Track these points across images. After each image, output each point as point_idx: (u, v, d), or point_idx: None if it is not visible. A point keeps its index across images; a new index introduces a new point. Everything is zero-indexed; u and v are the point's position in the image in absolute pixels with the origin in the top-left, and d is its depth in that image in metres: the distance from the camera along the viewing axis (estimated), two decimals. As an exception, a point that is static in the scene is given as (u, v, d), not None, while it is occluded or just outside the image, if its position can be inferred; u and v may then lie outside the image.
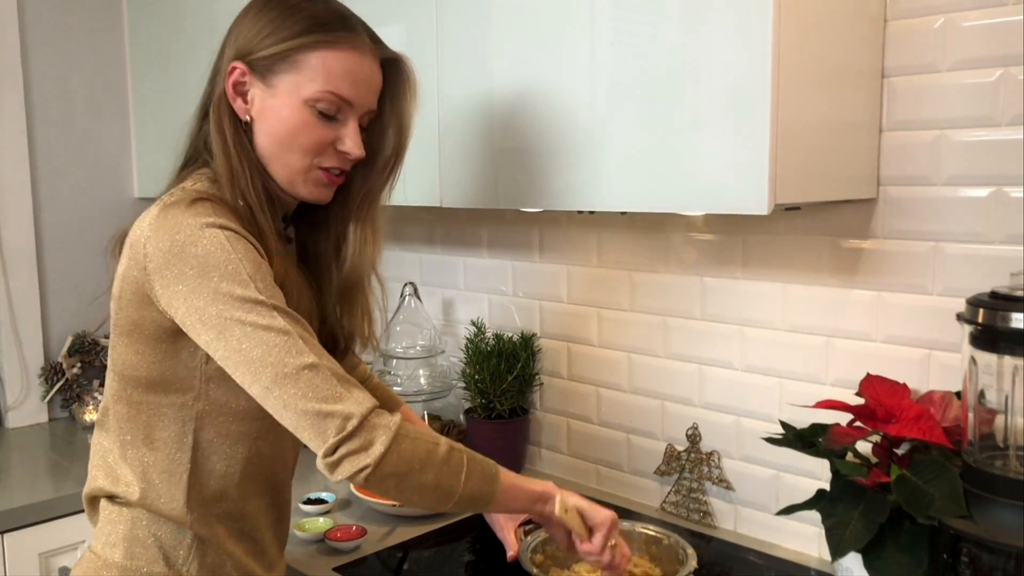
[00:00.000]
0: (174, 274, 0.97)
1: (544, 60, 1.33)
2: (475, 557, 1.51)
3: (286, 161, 1.08)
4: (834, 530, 1.15)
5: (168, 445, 1.07)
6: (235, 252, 0.97)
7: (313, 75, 1.05)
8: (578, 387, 1.81)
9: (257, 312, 0.96)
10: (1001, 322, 1.04)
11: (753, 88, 1.09)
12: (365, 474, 0.94)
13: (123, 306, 1.04)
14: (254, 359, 0.95)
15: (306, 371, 0.95)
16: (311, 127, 1.07)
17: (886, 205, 1.32)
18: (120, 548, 1.08)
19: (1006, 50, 1.19)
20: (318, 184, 1.11)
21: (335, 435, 0.93)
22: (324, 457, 0.94)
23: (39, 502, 1.77)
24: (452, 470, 1.00)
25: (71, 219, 2.36)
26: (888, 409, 1.21)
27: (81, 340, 2.35)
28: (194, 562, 1.09)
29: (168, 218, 0.98)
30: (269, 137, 1.08)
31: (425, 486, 0.99)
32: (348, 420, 0.94)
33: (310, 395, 0.94)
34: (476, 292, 2.00)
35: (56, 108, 2.32)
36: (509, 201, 1.42)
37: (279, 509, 1.21)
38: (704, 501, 1.59)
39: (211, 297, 0.96)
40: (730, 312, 1.54)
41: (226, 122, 1.07)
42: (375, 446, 0.94)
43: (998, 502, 1.06)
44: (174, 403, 1.06)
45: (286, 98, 1.06)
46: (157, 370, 1.05)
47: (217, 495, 1.10)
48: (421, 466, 0.97)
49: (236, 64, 1.07)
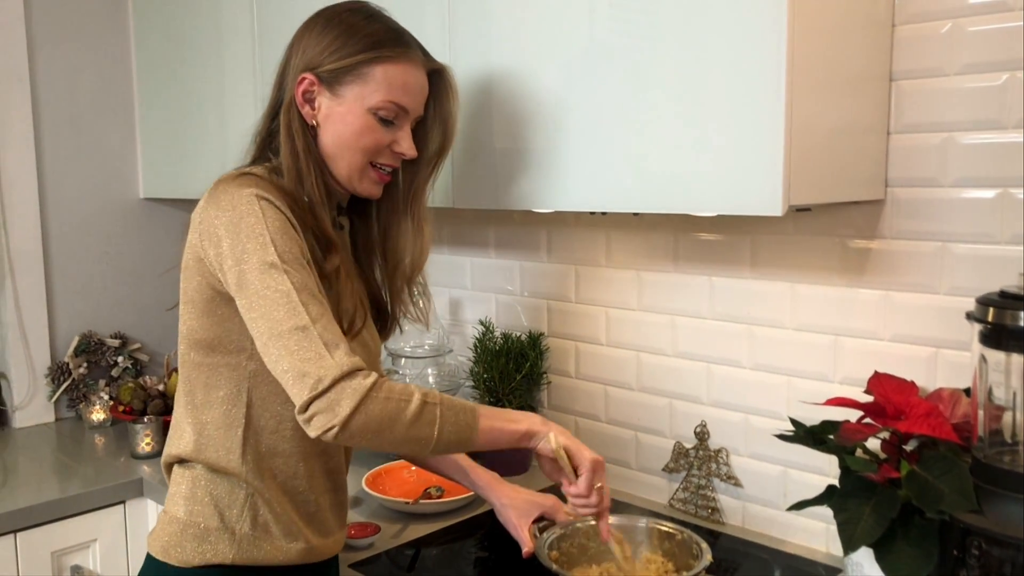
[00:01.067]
0: (216, 236, 1.10)
1: (555, 62, 1.35)
2: (487, 554, 1.52)
3: (349, 160, 1.22)
4: (846, 525, 1.18)
5: (225, 402, 1.18)
6: (265, 219, 1.09)
7: (376, 86, 1.19)
8: (586, 386, 1.83)
9: (268, 274, 1.06)
10: (1011, 320, 1.07)
11: (768, 91, 1.11)
12: (333, 432, 1.02)
13: (187, 275, 1.17)
14: (260, 315, 1.06)
15: (296, 332, 1.03)
16: (374, 131, 1.21)
17: (894, 206, 1.35)
18: (182, 505, 1.20)
19: (1012, 55, 1.22)
20: (373, 182, 1.25)
21: (308, 393, 1.02)
22: (299, 413, 1.03)
23: (51, 501, 1.78)
24: (424, 424, 1.07)
25: (77, 219, 2.37)
26: (897, 406, 1.23)
27: (87, 340, 2.36)
28: (247, 520, 1.19)
29: (217, 190, 1.13)
30: (334, 139, 1.21)
31: (397, 441, 1.07)
32: (320, 381, 1.02)
33: (295, 354, 1.03)
34: (483, 292, 2.02)
35: (62, 109, 2.33)
36: (521, 202, 1.44)
37: (333, 477, 1.28)
38: (712, 498, 1.61)
39: (238, 256, 1.07)
40: (738, 311, 1.56)
41: (295, 126, 1.20)
42: (342, 407, 1.02)
43: (1008, 496, 1.08)
44: (229, 363, 1.17)
45: (352, 106, 1.19)
46: (214, 332, 1.16)
47: (270, 451, 1.20)
48: (391, 424, 1.05)
49: (305, 75, 1.20)
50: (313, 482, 1.24)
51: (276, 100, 1.25)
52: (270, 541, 1.20)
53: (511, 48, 1.42)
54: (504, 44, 1.43)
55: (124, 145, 2.46)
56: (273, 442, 1.20)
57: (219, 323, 1.16)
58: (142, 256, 2.50)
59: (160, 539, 1.21)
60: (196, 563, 1.18)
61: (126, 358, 2.42)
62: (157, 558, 1.21)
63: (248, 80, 1.98)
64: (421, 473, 1.77)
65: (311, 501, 1.24)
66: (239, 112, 2.03)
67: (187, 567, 1.18)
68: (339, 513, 1.31)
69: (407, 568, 1.46)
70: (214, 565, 1.18)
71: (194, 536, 1.19)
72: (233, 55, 2.02)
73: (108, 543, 1.87)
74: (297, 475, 1.22)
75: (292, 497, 1.23)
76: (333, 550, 1.31)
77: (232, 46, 2.03)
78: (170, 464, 1.26)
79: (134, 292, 2.49)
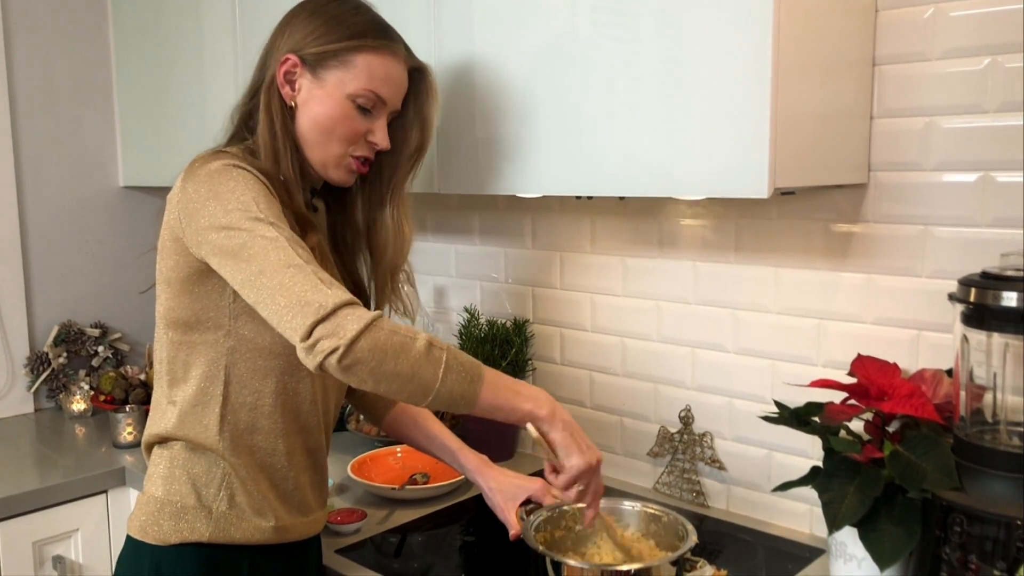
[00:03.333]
0: (195, 212, 1.10)
1: (543, 45, 1.35)
2: (473, 539, 1.53)
3: (324, 145, 1.23)
4: (831, 504, 1.19)
5: (203, 379, 1.19)
6: (245, 182, 1.10)
7: (358, 74, 1.20)
8: (571, 372, 1.83)
9: (256, 226, 1.06)
10: (992, 300, 1.08)
11: (754, 76, 1.11)
12: (337, 354, 0.98)
13: (164, 255, 1.18)
14: (248, 259, 1.04)
15: (291, 268, 1.03)
16: (350, 118, 1.22)
17: (877, 190, 1.36)
18: (160, 485, 1.21)
19: (993, 39, 1.23)
20: (348, 170, 1.26)
21: (312, 317, 0.99)
22: (301, 341, 1.00)
23: (32, 491, 1.76)
24: (430, 363, 1.03)
25: (56, 208, 2.35)
26: (880, 387, 1.25)
27: (67, 330, 2.34)
28: (223, 499, 1.20)
29: (194, 167, 1.14)
30: (311, 122, 1.22)
31: (400, 375, 1.02)
32: (323, 307, 1.00)
33: (292, 288, 1.02)
34: (468, 279, 2.02)
35: (40, 97, 2.30)
36: (507, 187, 1.44)
37: (312, 455, 1.28)
38: (697, 481, 1.63)
39: (224, 221, 1.07)
40: (723, 296, 1.57)
41: (274, 105, 1.21)
42: (347, 329, 0.99)
43: (989, 474, 1.10)
44: (207, 340, 1.18)
45: (332, 90, 1.21)
46: (191, 310, 1.17)
47: (249, 427, 1.20)
48: (396, 354, 1.01)
49: (290, 56, 1.21)
50: (293, 459, 1.24)
51: (257, 80, 1.26)
52: (246, 519, 1.20)
53: (494, 33, 1.42)
54: (488, 29, 1.43)
55: (103, 133, 2.43)
56: (252, 418, 1.20)
57: (196, 301, 1.16)
58: (122, 245, 2.48)
59: (138, 519, 1.21)
60: (173, 541, 1.18)
61: (106, 348, 2.40)
62: (135, 538, 1.21)
63: (229, 68, 1.97)
64: (406, 459, 1.77)
65: (290, 478, 1.25)
66: (219, 100, 2.01)
67: (164, 545, 1.18)
68: (319, 492, 1.31)
69: (393, 554, 1.46)
70: (191, 543, 1.18)
71: (171, 514, 1.19)
72: (213, 42, 2.01)
73: (90, 533, 1.86)
74: (276, 452, 1.23)
75: (270, 474, 1.23)
76: (313, 529, 1.31)
77: (212, 34, 2.01)
78: (150, 445, 1.26)
79: (114, 281, 2.46)
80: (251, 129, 1.25)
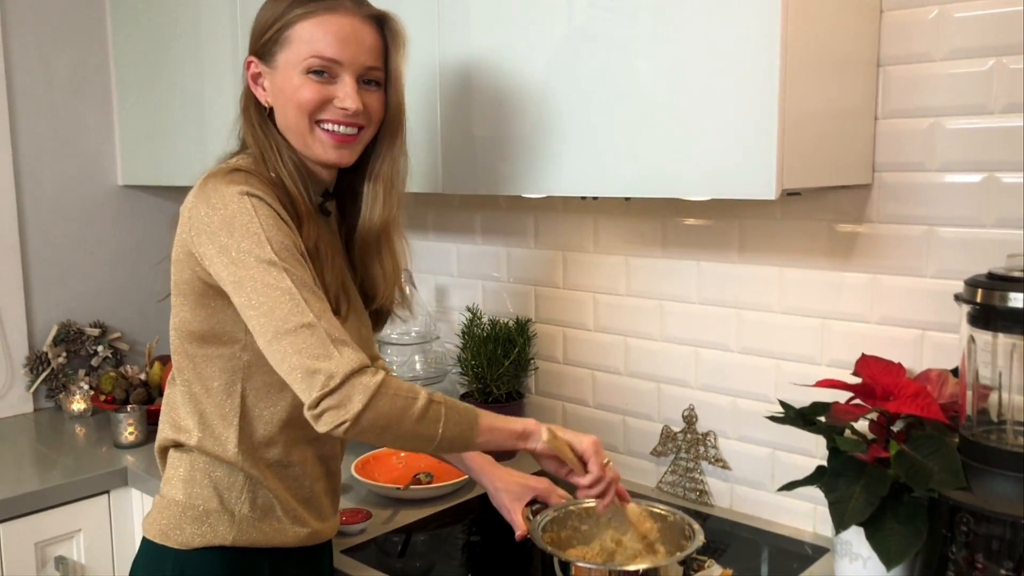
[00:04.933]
0: (208, 235, 1.09)
1: (549, 45, 1.35)
2: (478, 538, 1.53)
3: (294, 126, 1.19)
4: (838, 504, 1.19)
5: (220, 393, 1.19)
6: (258, 216, 1.08)
7: (300, 45, 1.17)
8: (574, 371, 1.84)
9: (268, 272, 1.06)
10: (999, 301, 1.09)
11: (763, 76, 1.12)
12: (344, 427, 1.02)
13: (178, 268, 1.17)
14: (262, 313, 1.05)
15: (303, 329, 1.03)
16: (306, 87, 1.17)
17: (881, 190, 1.37)
18: (181, 489, 1.21)
19: (998, 40, 1.24)
20: (326, 144, 1.20)
21: (319, 390, 1.01)
22: (308, 410, 1.03)
23: (34, 491, 1.75)
24: (430, 422, 1.08)
25: (55, 207, 2.33)
26: (886, 387, 1.25)
27: (66, 329, 2.33)
28: (246, 502, 1.20)
29: (207, 186, 1.12)
30: (282, 111, 1.20)
31: (403, 437, 1.08)
32: (332, 378, 1.02)
33: (303, 351, 1.03)
34: (469, 278, 2.02)
35: (38, 96, 2.29)
36: (512, 188, 1.44)
37: (326, 463, 1.29)
38: (700, 480, 1.63)
39: (233, 255, 1.07)
40: (726, 295, 1.57)
41: (252, 110, 1.23)
42: (353, 403, 1.02)
43: (995, 473, 1.10)
44: (223, 354, 1.18)
45: (285, 71, 1.18)
46: (207, 324, 1.16)
47: (265, 441, 1.21)
48: (399, 421, 1.05)
49: (250, 58, 1.22)
50: (307, 468, 1.25)
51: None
52: (270, 523, 1.21)
53: (498, 33, 1.42)
54: (492, 29, 1.43)
55: (102, 132, 2.42)
56: (268, 432, 1.20)
57: (212, 315, 1.16)
58: (121, 244, 2.47)
59: (158, 522, 1.21)
60: (196, 545, 1.18)
61: (106, 347, 2.39)
62: (155, 541, 1.20)
63: (228, 65, 1.96)
64: (410, 459, 1.77)
65: (305, 487, 1.25)
66: (218, 98, 2.01)
67: (187, 549, 1.19)
68: (333, 499, 1.32)
69: (399, 553, 1.46)
70: (214, 547, 1.19)
71: (193, 518, 1.19)
72: (212, 40, 2.00)
73: (92, 533, 1.85)
74: (292, 463, 1.23)
75: (287, 484, 1.23)
76: (329, 534, 1.32)
77: (211, 32, 2.00)
78: (165, 448, 1.26)
79: (113, 281, 2.46)
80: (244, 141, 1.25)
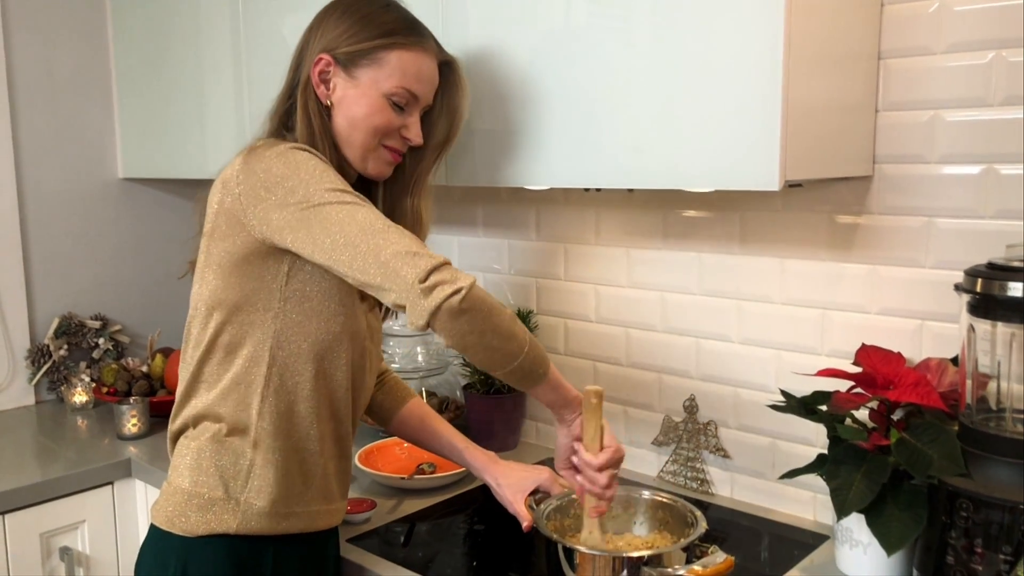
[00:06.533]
0: (266, 189, 1.12)
1: (552, 36, 1.36)
2: (481, 527, 1.55)
3: (360, 141, 1.26)
4: (839, 491, 1.21)
5: (247, 360, 1.20)
6: (317, 161, 1.15)
7: (391, 72, 1.24)
8: (575, 362, 1.85)
9: (344, 196, 1.11)
10: (999, 291, 1.10)
11: (767, 67, 1.13)
12: (460, 296, 1.03)
13: (216, 239, 1.19)
14: (338, 224, 1.08)
15: (393, 228, 1.09)
16: (385, 114, 1.25)
17: (881, 182, 1.38)
18: (187, 476, 1.22)
19: (998, 33, 1.25)
20: (383, 162, 1.29)
21: (428, 264, 1.04)
22: (419, 282, 1.03)
23: (38, 483, 1.76)
24: (519, 329, 1.12)
25: (56, 200, 2.34)
26: (886, 376, 1.27)
27: (68, 322, 2.33)
28: (251, 491, 1.21)
29: (255, 153, 1.16)
30: (348, 120, 1.25)
31: (502, 331, 1.09)
32: (434, 258, 1.05)
33: (398, 242, 1.06)
34: (471, 270, 2.03)
35: (39, 89, 2.29)
36: (516, 180, 1.45)
37: (340, 444, 1.31)
38: (701, 469, 1.65)
39: (301, 196, 1.10)
40: (727, 287, 1.59)
41: (311, 104, 1.24)
42: (461, 278, 1.05)
43: (994, 460, 1.12)
44: (255, 322, 1.19)
45: (367, 89, 1.24)
46: (243, 292, 1.18)
47: (286, 410, 1.22)
48: (500, 311, 1.10)
49: (323, 56, 1.24)
50: (323, 446, 1.26)
51: (292, 80, 1.29)
52: (272, 510, 1.22)
53: (501, 25, 1.43)
54: (495, 20, 1.44)
55: (103, 124, 2.42)
56: (291, 401, 1.22)
57: (248, 282, 1.18)
58: (122, 237, 2.47)
59: (164, 510, 1.23)
60: (201, 532, 1.20)
61: (107, 340, 2.39)
62: (161, 528, 1.22)
63: (228, 58, 1.96)
64: (412, 450, 1.78)
65: (319, 465, 1.26)
66: (219, 91, 2.01)
67: (191, 536, 1.20)
68: (342, 481, 1.33)
69: (403, 542, 1.48)
70: (219, 534, 1.20)
71: (199, 506, 1.20)
72: (213, 33, 2.00)
73: (97, 524, 1.86)
74: (310, 437, 1.25)
75: (302, 459, 1.25)
76: (335, 519, 1.33)
77: (211, 25, 2.00)
78: (177, 435, 1.27)
79: (115, 273, 2.46)
80: (289, 127, 1.28)
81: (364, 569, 1.38)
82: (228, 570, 1.20)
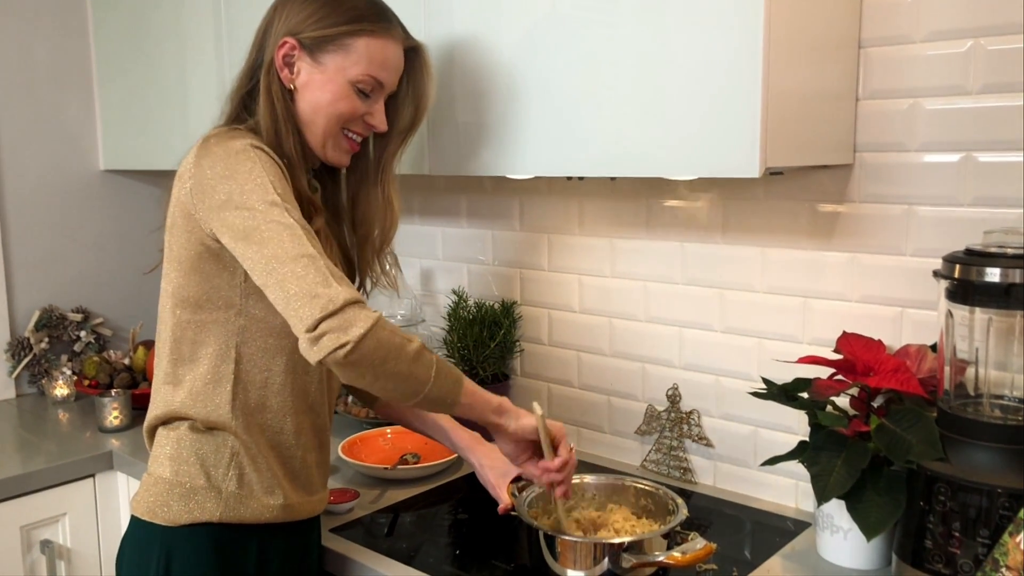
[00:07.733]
0: (211, 187, 1.10)
1: (532, 26, 1.36)
2: (465, 516, 1.54)
3: (323, 126, 1.24)
4: (819, 477, 1.22)
5: (214, 358, 1.19)
6: (261, 163, 1.11)
7: (358, 59, 1.22)
8: (559, 352, 1.85)
9: (272, 210, 1.08)
10: (976, 276, 1.11)
11: (746, 56, 1.13)
12: (344, 351, 1.01)
13: (175, 233, 1.18)
14: (261, 243, 1.06)
15: (304, 259, 1.05)
16: (350, 101, 1.24)
17: (862, 170, 1.39)
18: (168, 466, 1.21)
19: (976, 22, 1.26)
20: (342, 150, 1.28)
21: (320, 312, 1.01)
22: (307, 332, 1.01)
23: (19, 475, 1.75)
24: (424, 365, 1.09)
25: (36, 192, 2.32)
26: (866, 363, 1.28)
27: (48, 315, 2.31)
28: (232, 479, 1.20)
29: (209, 143, 1.14)
30: (311, 106, 1.23)
31: (398, 374, 1.06)
32: (332, 301, 1.02)
33: (303, 278, 1.03)
34: (455, 262, 2.03)
35: (19, 80, 2.27)
36: (498, 168, 1.45)
37: (318, 435, 1.30)
38: (684, 458, 1.65)
39: (240, 201, 1.08)
40: (710, 276, 1.59)
41: (275, 88, 1.22)
42: (355, 327, 1.01)
43: (972, 444, 1.13)
44: (217, 319, 1.19)
45: (332, 75, 1.22)
46: (203, 289, 1.17)
47: (259, 405, 1.22)
48: (396, 354, 1.05)
49: (287, 39, 1.22)
50: (300, 438, 1.26)
51: (254, 61, 1.26)
52: (255, 499, 1.21)
53: (482, 14, 1.42)
54: (476, 10, 1.43)
55: (83, 116, 2.40)
56: (262, 396, 1.22)
57: (207, 279, 1.17)
58: (103, 229, 2.45)
59: (145, 500, 1.22)
60: (183, 521, 1.19)
61: (88, 332, 2.38)
62: (143, 519, 1.21)
63: (210, 48, 1.95)
64: (396, 440, 1.78)
65: (297, 457, 1.26)
66: (201, 82, 2.00)
67: (174, 526, 1.19)
68: (323, 471, 1.33)
69: (386, 533, 1.48)
70: (201, 523, 1.19)
71: (180, 495, 1.19)
72: (195, 23, 1.99)
73: (78, 517, 1.85)
74: (284, 430, 1.24)
75: (279, 452, 1.24)
76: (316, 509, 1.32)
77: (193, 14, 1.99)
78: (153, 428, 1.26)
79: (96, 265, 2.44)
80: (250, 110, 1.25)
81: (347, 559, 1.38)
82: (212, 559, 1.20)
